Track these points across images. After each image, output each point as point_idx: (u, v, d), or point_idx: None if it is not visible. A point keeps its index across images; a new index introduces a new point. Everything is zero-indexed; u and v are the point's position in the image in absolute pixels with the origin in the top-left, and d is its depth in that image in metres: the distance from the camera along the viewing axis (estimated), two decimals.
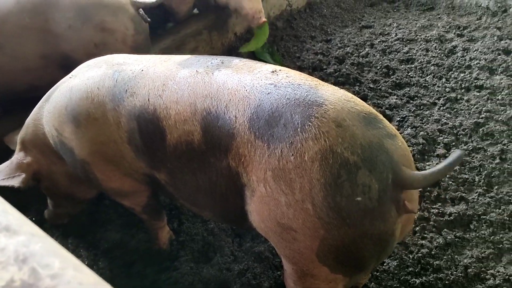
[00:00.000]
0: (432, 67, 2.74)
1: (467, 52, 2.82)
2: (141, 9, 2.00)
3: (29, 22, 1.81)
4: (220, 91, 1.21)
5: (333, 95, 1.12)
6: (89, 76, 1.43)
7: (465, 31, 3.04)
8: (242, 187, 1.18)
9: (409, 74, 2.72)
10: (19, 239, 0.50)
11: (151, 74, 1.34)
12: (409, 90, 2.58)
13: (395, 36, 3.08)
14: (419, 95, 2.55)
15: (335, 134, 1.04)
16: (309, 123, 1.06)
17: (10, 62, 1.86)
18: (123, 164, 1.46)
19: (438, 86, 2.59)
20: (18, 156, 1.63)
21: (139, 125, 1.33)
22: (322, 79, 2.66)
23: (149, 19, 2.02)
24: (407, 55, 2.88)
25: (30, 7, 1.81)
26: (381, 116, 1.15)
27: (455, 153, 1.05)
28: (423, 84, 2.63)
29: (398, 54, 2.90)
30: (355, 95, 2.52)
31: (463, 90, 2.56)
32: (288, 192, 1.06)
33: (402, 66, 2.79)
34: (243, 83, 1.19)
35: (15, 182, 1.54)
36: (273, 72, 1.23)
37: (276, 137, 1.08)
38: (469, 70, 2.68)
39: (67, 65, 1.75)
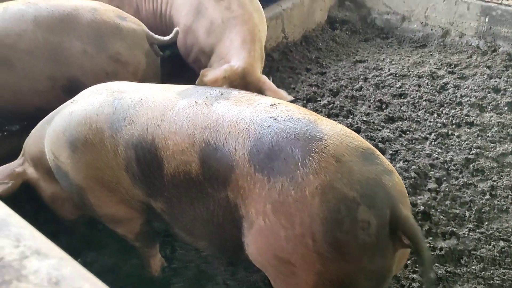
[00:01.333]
0: (424, 103, 2.80)
1: (458, 89, 2.90)
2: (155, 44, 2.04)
3: (43, 41, 1.83)
4: (219, 123, 1.22)
5: (332, 130, 1.14)
6: (89, 102, 1.45)
7: (456, 69, 3.12)
8: (240, 218, 1.19)
9: (402, 108, 2.77)
10: (50, 262, 0.51)
11: (150, 103, 1.36)
12: (401, 124, 2.63)
13: (388, 71, 3.15)
14: (411, 129, 2.60)
15: (335, 169, 1.06)
16: (310, 158, 1.07)
17: (19, 82, 1.88)
18: (119, 191, 1.46)
19: (430, 121, 2.65)
20: (16, 161, 1.67)
21: (137, 154, 1.34)
22: (316, 111, 2.73)
23: (161, 53, 2.06)
24: (400, 90, 2.95)
25: (46, 26, 1.84)
26: (378, 152, 1.17)
27: None
28: (415, 119, 2.68)
29: (391, 88, 2.96)
30: (348, 127, 2.58)
31: (454, 126, 2.61)
32: (288, 226, 1.07)
33: (395, 100, 2.85)
34: (243, 116, 1.21)
35: None
36: (272, 105, 1.26)
37: (276, 170, 1.10)
38: (460, 107, 2.75)
39: (74, 90, 1.76)
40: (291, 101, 1.72)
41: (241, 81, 2.02)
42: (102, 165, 1.41)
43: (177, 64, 2.73)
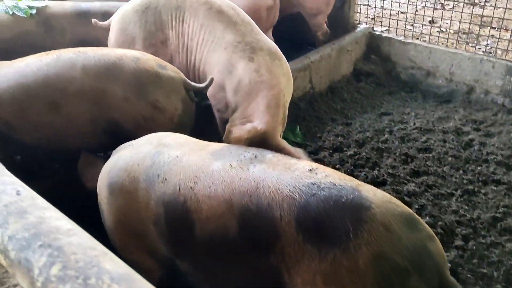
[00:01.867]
0: (450, 158, 2.83)
1: (483, 147, 2.92)
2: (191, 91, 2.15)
3: (89, 88, 1.97)
4: (259, 188, 1.23)
5: (376, 197, 1.16)
6: (138, 151, 1.52)
7: (481, 126, 3.16)
8: (283, 285, 1.18)
9: (427, 163, 2.80)
10: None
11: (185, 162, 1.38)
12: (427, 179, 2.65)
13: (413, 125, 3.20)
14: (437, 184, 2.61)
15: (386, 239, 1.07)
16: (361, 228, 1.08)
17: (65, 124, 2.00)
18: (144, 242, 1.48)
19: (456, 178, 2.66)
20: None
21: (167, 213, 1.35)
22: (342, 161, 2.78)
23: (196, 99, 2.17)
24: (425, 144, 2.98)
25: (93, 74, 1.97)
26: (418, 217, 1.18)
27: None
28: (441, 174, 2.69)
29: (416, 142, 3.00)
30: (374, 179, 2.61)
31: (480, 183, 2.62)
32: None
33: (420, 154, 2.88)
34: (284, 182, 1.21)
35: None
36: (310, 170, 1.26)
37: (327, 241, 1.10)
38: (486, 164, 2.76)
39: (113, 132, 1.87)
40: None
41: (262, 143, 2.08)
42: (133, 213, 1.45)
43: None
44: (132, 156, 1.50)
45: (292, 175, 1.24)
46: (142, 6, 2.43)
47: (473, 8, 3.78)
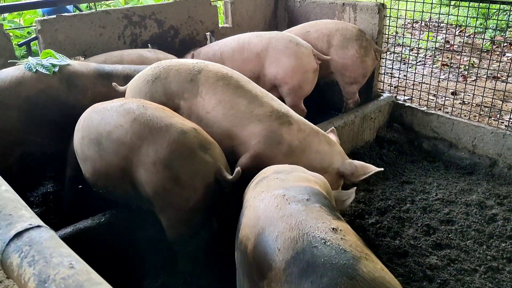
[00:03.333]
0: (473, 232, 2.81)
1: (508, 222, 2.89)
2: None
3: (129, 141, 2.13)
4: (282, 219, 1.41)
5: (369, 274, 1.20)
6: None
7: (505, 201, 3.14)
8: None
9: (450, 236, 2.78)
10: None
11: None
12: (449, 252, 2.63)
13: (436, 195, 3.21)
14: (459, 259, 2.58)
15: None
16: None
17: (99, 162, 2.24)
18: None
19: (479, 253, 2.63)
20: None
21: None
22: (364, 229, 2.79)
23: (227, 190, 2.17)
24: (448, 216, 2.97)
25: (137, 131, 2.12)
26: None
27: None
28: (464, 248, 2.67)
29: (439, 214, 3.00)
30: (396, 249, 2.60)
31: (504, 261, 2.58)
32: None
33: (443, 226, 2.87)
34: (303, 226, 1.37)
35: None
36: (333, 229, 1.36)
37: None
38: (511, 241, 2.72)
39: (136, 190, 2.12)
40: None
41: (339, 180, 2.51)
42: None
43: None
44: None
45: (314, 224, 1.37)
46: (152, 77, 2.54)
47: (496, 82, 3.87)
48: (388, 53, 4.74)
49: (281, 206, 1.48)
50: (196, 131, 2.16)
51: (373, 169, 2.47)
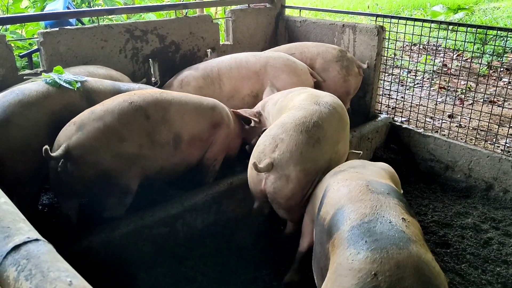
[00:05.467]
0: (468, 256, 2.80)
1: (503, 246, 2.89)
2: None
3: None
4: (361, 202, 1.66)
5: (417, 253, 1.40)
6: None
7: (500, 225, 3.15)
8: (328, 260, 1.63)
9: (445, 258, 2.78)
10: None
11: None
12: (444, 276, 2.61)
13: (431, 218, 3.22)
14: (454, 282, 2.57)
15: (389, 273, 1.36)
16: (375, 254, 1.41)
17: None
18: None
19: (474, 277, 2.62)
20: None
21: None
22: None
23: None
24: (443, 238, 2.97)
25: None
26: None
27: None
28: (459, 272, 2.66)
29: (434, 236, 3.00)
30: None
31: (499, 285, 2.57)
32: None
33: (438, 249, 2.87)
34: (377, 209, 1.60)
35: None
36: (403, 219, 1.57)
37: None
38: (506, 265, 2.72)
39: None
40: None
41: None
42: None
43: None
44: None
45: (388, 211, 1.58)
46: None
47: (492, 107, 3.91)
48: (386, 74, 4.79)
49: (364, 192, 1.70)
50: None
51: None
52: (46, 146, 2.11)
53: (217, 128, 2.85)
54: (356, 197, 1.70)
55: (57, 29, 3.31)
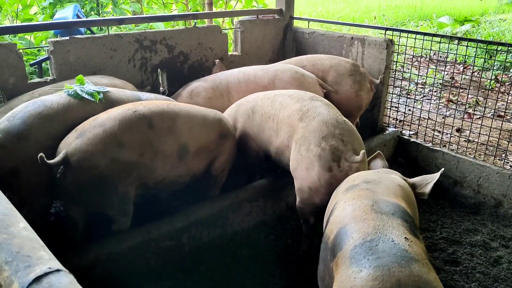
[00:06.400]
0: (478, 275, 2.76)
1: None
2: None
3: None
4: (364, 221, 1.66)
5: (419, 272, 1.41)
6: None
7: (510, 243, 3.10)
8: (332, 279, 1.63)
9: (454, 277, 2.74)
10: None
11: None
12: None
13: (440, 234, 3.18)
14: None
15: None
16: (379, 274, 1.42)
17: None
18: None
19: None
20: None
21: None
22: None
23: None
24: (452, 256, 2.93)
25: None
26: None
27: None
28: None
29: (443, 253, 2.96)
30: None
31: None
32: None
33: (447, 267, 2.83)
34: (379, 229, 1.59)
35: None
36: (405, 238, 1.56)
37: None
38: None
39: None
40: None
41: None
42: None
43: None
44: None
45: (391, 230, 1.59)
46: None
47: (502, 122, 3.88)
48: (394, 87, 4.77)
49: (367, 212, 1.71)
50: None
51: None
52: (41, 154, 2.10)
53: (224, 139, 2.83)
54: (359, 216, 1.71)
55: (67, 38, 3.32)
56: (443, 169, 2.47)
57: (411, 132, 4.37)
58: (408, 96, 5.74)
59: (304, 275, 2.68)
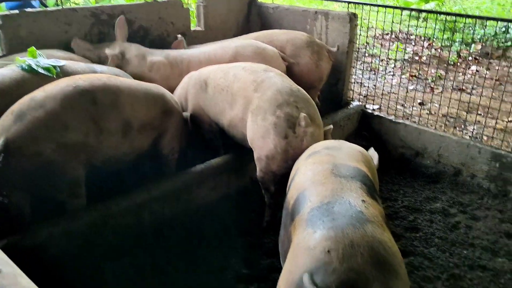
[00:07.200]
0: (436, 239, 2.84)
1: (470, 230, 2.94)
2: None
3: None
4: (323, 185, 1.66)
5: (373, 233, 1.40)
6: None
7: (467, 209, 3.20)
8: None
9: (414, 243, 2.80)
10: None
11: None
12: (413, 260, 2.64)
13: (401, 203, 3.24)
14: (423, 266, 2.60)
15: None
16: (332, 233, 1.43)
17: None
18: None
19: (442, 260, 2.65)
20: None
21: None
22: None
23: None
24: (412, 223, 3.00)
25: None
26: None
27: None
28: (427, 256, 2.69)
29: (404, 221, 3.02)
30: None
31: (466, 268, 2.61)
32: None
33: (408, 234, 2.89)
34: (338, 192, 1.60)
35: None
36: (363, 201, 1.57)
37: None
38: (472, 249, 2.77)
39: None
40: None
41: None
42: None
43: None
44: None
45: (349, 193, 1.59)
46: None
47: (460, 94, 3.96)
48: (358, 62, 4.79)
49: (327, 176, 1.71)
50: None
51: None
52: None
53: (169, 116, 2.75)
54: (319, 180, 1.72)
55: (18, 11, 3.16)
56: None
57: (375, 107, 4.41)
58: (373, 71, 5.79)
59: (267, 246, 2.69)
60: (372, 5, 4.13)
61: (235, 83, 2.73)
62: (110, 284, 2.27)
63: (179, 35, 3.99)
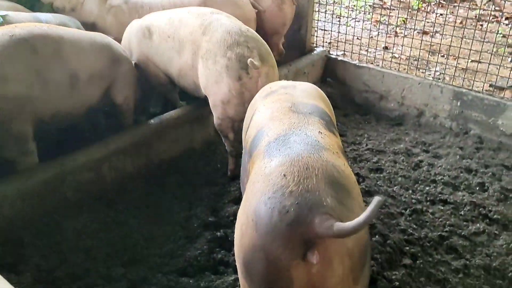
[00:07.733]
0: (400, 178, 2.88)
1: (432, 167, 3.00)
2: None
3: None
4: (280, 121, 1.62)
5: (327, 157, 1.39)
6: None
7: (430, 148, 3.25)
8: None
9: (378, 183, 2.84)
10: None
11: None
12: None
13: (366, 146, 3.26)
14: (387, 204, 2.64)
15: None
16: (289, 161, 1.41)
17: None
18: None
19: (405, 197, 2.70)
20: None
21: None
22: None
23: None
24: (377, 164, 3.03)
25: None
26: None
27: (375, 201, 1.11)
28: (391, 194, 2.73)
29: (368, 163, 3.05)
30: None
31: (428, 203, 2.67)
32: None
33: (372, 174, 2.92)
34: (294, 125, 1.56)
35: None
36: (319, 132, 1.55)
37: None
38: (434, 185, 2.82)
39: None
40: None
41: None
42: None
43: None
44: None
45: (306, 126, 1.57)
46: None
47: (423, 36, 3.94)
48: (322, 9, 4.67)
49: (285, 113, 1.67)
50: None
51: None
52: None
53: (118, 64, 2.63)
54: (277, 117, 1.69)
55: None
56: None
57: (340, 53, 4.35)
58: (338, 18, 5.68)
59: (233, 194, 2.66)
60: None
61: (181, 29, 2.59)
62: (71, 241, 2.21)
63: None
